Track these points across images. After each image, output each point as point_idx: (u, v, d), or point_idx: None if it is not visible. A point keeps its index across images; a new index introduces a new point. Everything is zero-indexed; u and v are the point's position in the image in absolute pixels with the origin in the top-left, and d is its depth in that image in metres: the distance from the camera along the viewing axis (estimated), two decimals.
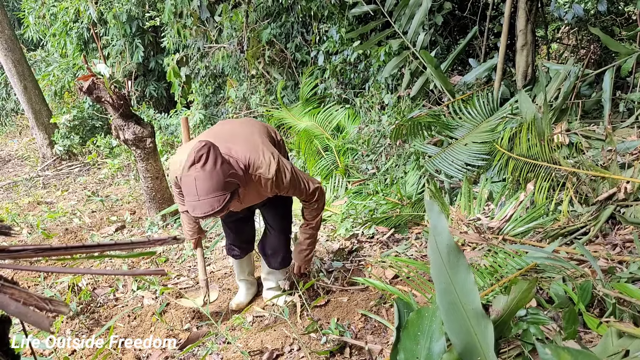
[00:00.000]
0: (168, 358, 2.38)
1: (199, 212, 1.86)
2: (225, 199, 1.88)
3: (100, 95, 3.72)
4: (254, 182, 2.13)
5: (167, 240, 0.91)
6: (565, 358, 1.00)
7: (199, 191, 1.84)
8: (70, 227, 4.65)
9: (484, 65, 4.41)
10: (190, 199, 1.87)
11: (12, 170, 8.75)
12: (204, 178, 1.84)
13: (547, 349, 1.02)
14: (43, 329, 0.61)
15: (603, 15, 4.31)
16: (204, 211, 1.86)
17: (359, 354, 2.17)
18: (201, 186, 1.84)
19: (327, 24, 5.47)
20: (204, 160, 1.85)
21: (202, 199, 1.85)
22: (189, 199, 1.87)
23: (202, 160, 1.85)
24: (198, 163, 1.85)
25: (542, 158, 3.06)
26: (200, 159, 1.85)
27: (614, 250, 2.42)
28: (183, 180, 1.89)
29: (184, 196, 2.00)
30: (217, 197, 1.86)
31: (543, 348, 1.03)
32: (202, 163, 1.84)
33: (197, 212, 1.87)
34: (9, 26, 7.68)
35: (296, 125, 5.54)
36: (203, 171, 1.84)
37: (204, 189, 1.84)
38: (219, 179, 1.86)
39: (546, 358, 1.01)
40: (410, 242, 3.23)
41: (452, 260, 1.35)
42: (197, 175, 1.84)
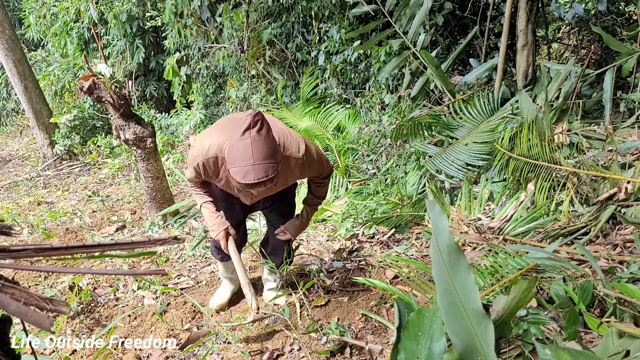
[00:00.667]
0: (168, 358, 2.38)
1: (251, 177, 1.79)
2: (278, 168, 1.85)
3: (101, 95, 3.72)
4: (284, 164, 2.07)
5: (167, 240, 0.91)
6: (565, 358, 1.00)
7: (255, 155, 1.78)
8: (71, 227, 4.65)
9: (485, 65, 4.41)
10: (244, 163, 1.79)
11: (12, 170, 8.76)
12: (261, 142, 1.79)
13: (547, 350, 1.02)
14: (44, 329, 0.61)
15: (603, 15, 4.31)
16: (258, 176, 1.79)
17: (360, 354, 2.17)
18: (258, 150, 1.78)
19: (328, 24, 5.47)
20: (260, 126, 1.81)
21: (258, 163, 1.79)
22: (242, 164, 1.79)
23: (259, 125, 1.81)
24: (254, 128, 1.80)
25: (543, 158, 3.06)
26: (257, 124, 1.80)
27: (615, 250, 2.42)
28: (235, 145, 1.82)
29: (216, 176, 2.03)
30: (272, 164, 1.82)
31: (543, 349, 1.03)
32: (258, 128, 1.80)
33: (249, 178, 1.79)
34: (9, 26, 7.68)
35: (297, 125, 5.55)
36: (259, 136, 1.79)
37: (260, 153, 1.79)
38: (274, 146, 1.85)
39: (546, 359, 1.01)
40: (411, 242, 3.23)
41: (452, 261, 1.35)
42: (255, 139, 1.78)
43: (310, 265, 3.12)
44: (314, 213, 2.55)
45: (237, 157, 1.81)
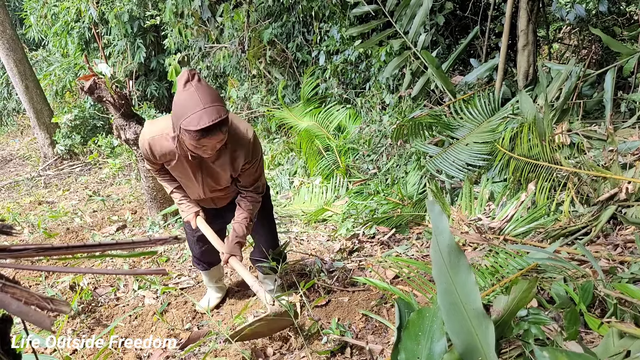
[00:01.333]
0: (169, 358, 2.38)
1: (206, 120, 1.77)
2: (227, 112, 1.85)
3: (102, 95, 3.72)
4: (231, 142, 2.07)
5: (168, 239, 0.91)
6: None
7: (202, 99, 1.79)
8: (72, 227, 4.66)
9: (485, 65, 4.41)
10: (195, 109, 1.79)
11: (13, 169, 8.76)
12: (204, 89, 1.82)
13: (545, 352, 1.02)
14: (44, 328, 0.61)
15: (604, 15, 4.30)
16: (212, 118, 1.78)
17: (360, 354, 2.17)
18: (203, 94, 1.80)
19: (328, 24, 5.47)
20: (198, 77, 1.84)
21: (208, 106, 1.79)
22: (194, 111, 1.79)
23: (197, 77, 1.84)
24: (193, 79, 1.83)
25: (544, 158, 3.06)
26: (194, 77, 1.84)
27: (615, 250, 2.41)
28: (180, 98, 1.83)
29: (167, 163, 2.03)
30: (220, 106, 1.82)
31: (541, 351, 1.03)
32: (197, 79, 1.84)
33: (203, 121, 1.77)
34: (10, 26, 7.69)
35: (297, 125, 5.55)
36: (201, 84, 1.82)
37: (207, 97, 1.80)
38: (216, 93, 1.86)
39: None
40: (411, 242, 3.22)
41: (453, 261, 1.35)
42: (197, 87, 1.81)
43: (310, 265, 3.12)
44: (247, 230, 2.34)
45: (185, 106, 1.81)
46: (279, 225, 4.07)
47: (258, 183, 2.30)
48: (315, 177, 4.86)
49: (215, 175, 2.21)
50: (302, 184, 4.92)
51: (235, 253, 2.31)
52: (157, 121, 2.19)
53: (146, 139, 2.11)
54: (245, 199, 2.32)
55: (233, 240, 2.31)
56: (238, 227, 2.32)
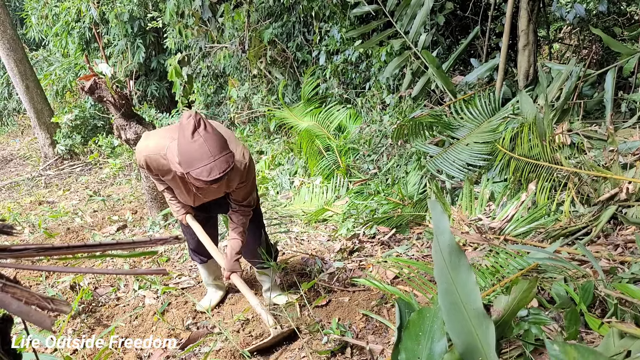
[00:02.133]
0: (169, 357, 2.38)
1: (216, 172, 1.83)
2: (233, 158, 1.90)
3: (102, 95, 3.72)
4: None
5: (168, 239, 0.91)
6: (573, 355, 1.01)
7: (212, 151, 1.82)
8: (72, 227, 4.66)
9: (486, 65, 4.40)
10: (206, 162, 1.82)
11: (14, 169, 8.77)
12: (213, 138, 1.84)
13: (556, 346, 1.02)
14: (45, 328, 0.61)
15: (604, 15, 4.30)
16: (221, 169, 1.83)
17: (360, 354, 2.17)
18: (213, 145, 1.83)
19: (329, 24, 5.47)
20: (204, 124, 1.86)
21: (218, 157, 1.83)
22: (204, 163, 1.82)
23: (203, 124, 1.85)
24: (200, 127, 1.84)
25: (544, 158, 3.06)
26: (200, 124, 1.85)
27: (616, 250, 2.41)
28: (189, 148, 1.84)
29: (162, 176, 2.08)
30: (229, 154, 1.87)
31: (551, 344, 1.03)
32: (203, 126, 1.85)
33: (214, 174, 1.83)
34: (11, 26, 7.70)
35: (298, 125, 5.55)
36: (208, 133, 1.84)
37: (217, 147, 1.83)
38: (223, 138, 1.89)
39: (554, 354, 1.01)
40: (412, 242, 3.22)
41: (453, 261, 1.35)
42: (206, 137, 1.83)
43: (311, 265, 3.12)
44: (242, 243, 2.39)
45: (195, 158, 1.84)
46: (280, 225, 4.07)
47: (250, 198, 2.34)
48: (315, 177, 4.86)
49: (208, 193, 2.29)
50: (303, 184, 4.92)
51: (235, 269, 2.37)
52: (153, 137, 2.21)
53: (143, 155, 2.15)
54: (238, 213, 2.35)
55: (232, 257, 2.36)
56: (235, 243, 2.36)
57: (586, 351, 1.02)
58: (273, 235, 3.77)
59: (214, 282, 2.85)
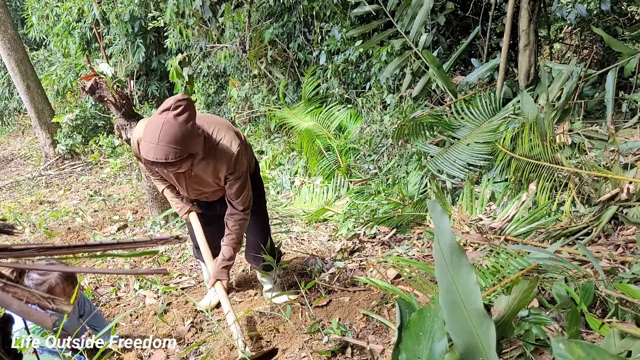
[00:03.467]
0: (170, 357, 2.38)
1: (151, 155, 1.83)
2: (182, 156, 1.86)
3: (103, 95, 3.72)
4: (214, 155, 2.11)
5: (169, 239, 0.91)
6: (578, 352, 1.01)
7: (160, 136, 1.81)
8: (73, 226, 4.66)
9: (487, 65, 4.40)
10: (150, 140, 1.83)
11: (14, 169, 8.78)
12: (171, 126, 1.82)
13: (561, 344, 1.02)
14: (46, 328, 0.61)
15: (606, 15, 4.30)
16: (156, 156, 1.83)
17: (361, 354, 2.17)
18: (165, 132, 1.81)
19: (329, 24, 5.47)
20: (179, 111, 1.84)
21: (161, 144, 1.82)
22: (149, 140, 1.84)
23: (178, 110, 1.84)
24: (173, 111, 1.83)
25: (545, 158, 3.06)
26: (176, 108, 1.84)
27: (617, 250, 2.41)
28: (150, 121, 1.86)
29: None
30: (175, 149, 1.84)
31: (557, 342, 1.03)
32: (176, 112, 1.83)
33: (149, 155, 1.84)
34: (12, 26, 7.70)
35: (298, 125, 5.55)
36: (174, 120, 1.83)
37: (167, 135, 1.82)
38: (184, 134, 1.85)
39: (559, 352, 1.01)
40: (412, 242, 3.22)
41: (454, 261, 1.35)
42: (167, 122, 1.82)
43: (311, 265, 3.12)
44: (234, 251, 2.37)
45: (147, 132, 1.85)
46: (280, 225, 4.07)
47: (243, 198, 2.27)
48: (316, 177, 4.86)
49: (199, 181, 2.26)
50: (303, 183, 4.92)
51: (221, 278, 2.33)
52: (142, 121, 2.21)
53: (136, 138, 2.14)
54: (232, 218, 2.32)
55: (220, 264, 2.34)
56: (226, 250, 2.34)
57: (591, 349, 1.02)
58: (274, 235, 3.77)
59: None
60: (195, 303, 2.80)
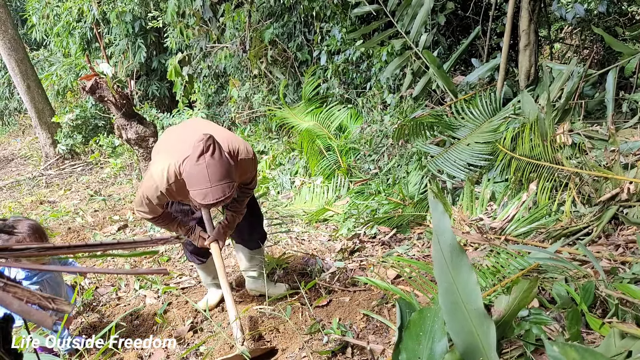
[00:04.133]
0: (170, 357, 2.38)
1: (210, 198, 1.93)
2: (234, 186, 1.99)
3: (103, 95, 3.73)
4: (241, 167, 2.22)
5: (169, 239, 0.91)
6: (573, 356, 1.00)
7: (211, 178, 1.91)
8: (73, 226, 4.66)
9: (487, 65, 4.40)
10: (202, 186, 1.92)
11: (15, 169, 8.78)
12: (216, 165, 1.92)
13: (555, 347, 1.02)
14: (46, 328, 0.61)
15: (606, 15, 4.29)
16: (216, 197, 1.92)
17: (361, 353, 2.17)
18: (213, 173, 1.91)
19: (330, 24, 5.47)
20: (212, 150, 1.92)
21: (215, 185, 1.92)
22: (200, 187, 1.92)
23: (211, 150, 1.92)
24: (207, 152, 1.91)
25: (545, 158, 3.06)
26: (209, 149, 1.92)
27: (617, 250, 2.41)
28: (191, 170, 1.94)
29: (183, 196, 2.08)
30: (228, 183, 1.96)
31: (551, 345, 1.03)
32: (211, 152, 1.92)
33: (208, 199, 1.93)
34: (12, 26, 7.70)
35: (298, 125, 5.55)
36: (213, 159, 1.92)
37: (216, 175, 1.92)
38: (228, 167, 1.97)
39: (553, 355, 1.01)
40: (412, 242, 3.22)
41: (454, 260, 1.35)
42: (209, 163, 1.91)
43: (312, 265, 3.12)
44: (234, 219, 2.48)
45: (194, 181, 1.94)
46: (280, 225, 4.07)
47: (254, 182, 2.47)
48: (316, 177, 4.86)
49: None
50: (304, 183, 4.92)
51: (219, 238, 2.45)
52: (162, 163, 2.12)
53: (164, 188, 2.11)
54: (239, 191, 2.43)
55: (221, 228, 2.45)
56: (230, 216, 2.44)
57: (586, 352, 1.02)
58: (274, 235, 3.77)
59: (213, 282, 2.85)
60: (193, 304, 2.80)
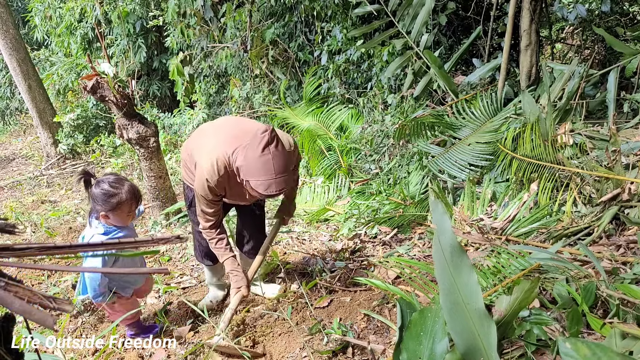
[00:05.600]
0: (171, 357, 2.38)
1: (274, 189, 2.00)
2: (291, 178, 2.08)
3: (104, 95, 3.73)
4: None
5: (170, 239, 0.91)
6: (584, 351, 1.01)
7: (276, 169, 1.99)
8: (74, 226, 4.67)
9: (488, 65, 4.40)
10: (267, 177, 1.99)
11: (16, 169, 8.79)
12: (280, 157, 2.00)
13: (567, 343, 1.03)
14: (47, 327, 0.61)
15: (607, 15, 4.29)
16: (279, 188, 2.01)
17: (362, 353, 2.17)
18: (278, 164, 1.99)
19: (331, 24, 5.47)
20: (276, 142, 1.99)
21: (279, 176, 2.00)
22: (264, 177, 1.98)
23: (275, 141, 1.99)
24: (272, 144, 1.98)
25: (546, 158, 3.05)
26: (273, 140, 1.98)
27: (618, 251, 2.41)
28: (254, 161, 1.98)
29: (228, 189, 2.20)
30: (289, 176, 2.05)
31: (563, 342, 1.03)
32: (275, 144, 1.99)
33: (271, 190, 2.00)
34: (13, 26, 7.70)
35: (299, 125, 5.55)
36: (277, 151, 1.99)
37: (281, 166, 2.00)
38: (290, 159, 2.09)
39: (566, 352, 1.02)
40: (413, 243, 3.22)
41: (455, 261, 1.35)
42: (274, 154, 1.98)
43: (312, 265, 3.12)
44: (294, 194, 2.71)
45: (259, 171, 2.00)
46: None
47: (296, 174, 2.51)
48: (317, 177, 4.86)
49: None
50: (304, 183, 4.92)
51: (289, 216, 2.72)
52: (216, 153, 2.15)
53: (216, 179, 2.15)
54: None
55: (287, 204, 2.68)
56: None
57: (597, 347, 1.02)
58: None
59: (217, 283, 2.86)
60: (193, 307, 2.80)
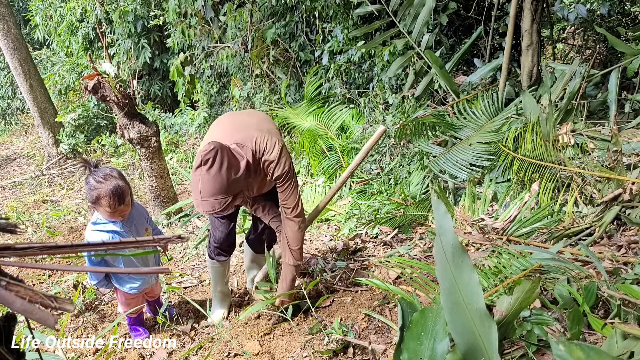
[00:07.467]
0: (171, 356, 2.39)
1: (201, 209, 2.00)
2: (226, 202, 1.98)
3: (106, 94, 3.73)
4: (263, 168, 2.21)
5: (171, 239, 0.91)
6: (578, 354, 1.00)
7: (202, 192, 1.95)
8: (75, 226, 4.67)
9: (489, 65, 4.39)
10: (195, 196, 1.99)
11: (17, 168, 8.80)
12: (208, 181, 1.93)
13: (561, 345, 1.02)
14: (49, 327, 0.62)
15: (608, 15, 4.28)
16: (205, 210, 1.98)
17: (362, 353, 2.17)
18: (204, 188, 1.94)
19: (332, 24, 5.47)
20: (210, 164, 1.91)
21: (204, 199, 1.96)
22: (194, 196, 2.00)
23: (208, 164, 1.91)
24: (204, 166, 1.92)
25: (547, 159, 3.05)
26: (206, 162, 1.91)
27: (619, 251, 2.40)
28: (192, 177, 1.99)
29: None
30: (219, 199, 1.95)
31: (557, 344, 1.03)
32: (207, 167, 1.91)
33: (199, 209, 2.01)
34: (15, 25, 7.71)
35: (300, 125, 5.55)
36: (208, 174, 1.92)
37: (207, 191, 1.94)
38: (222, 183, 1.94)
39: (559, 354, 1.01)
40: (414, 243, 3.22)
41: (456, 260, 1.34)
42: (202, 178, 1.93)
43: (313, 265, 3.12)
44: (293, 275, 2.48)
45: (193, 188, 2.01)
46: None
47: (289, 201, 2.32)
48: (318, 177, 4.86)
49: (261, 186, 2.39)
50: (305, 183, 4.92)
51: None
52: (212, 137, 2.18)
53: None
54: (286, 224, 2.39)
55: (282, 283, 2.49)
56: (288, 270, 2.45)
57: (591, 350, 1.01)
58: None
59: (222, 289, 2.74)
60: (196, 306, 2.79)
